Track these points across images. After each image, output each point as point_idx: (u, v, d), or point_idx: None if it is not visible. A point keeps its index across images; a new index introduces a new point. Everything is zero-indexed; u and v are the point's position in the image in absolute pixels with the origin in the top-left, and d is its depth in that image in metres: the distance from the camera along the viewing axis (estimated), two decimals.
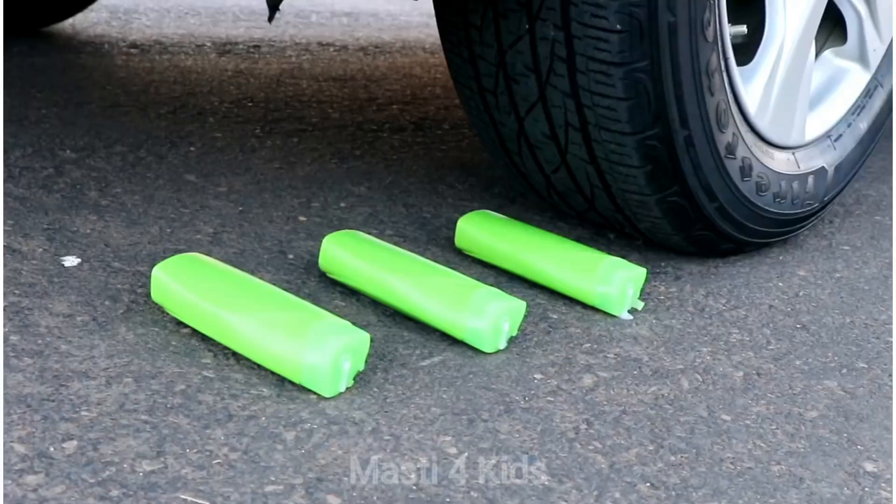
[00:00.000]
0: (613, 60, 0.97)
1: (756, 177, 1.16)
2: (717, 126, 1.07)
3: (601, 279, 1.01)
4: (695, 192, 1.07)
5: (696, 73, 1.02)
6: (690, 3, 0.98)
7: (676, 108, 1.01)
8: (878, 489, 0.74)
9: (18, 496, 0.64)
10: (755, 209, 1.16)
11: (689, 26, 0.98)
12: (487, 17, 1.05)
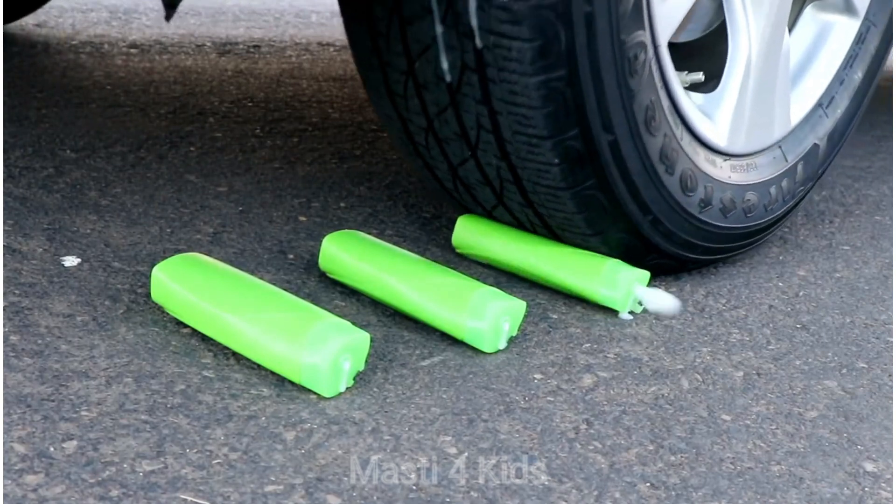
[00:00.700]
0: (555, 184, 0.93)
1: (726, 202, 1.12)
2: (665, 166, 1.02)
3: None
4: (649, 236, 1.04)
5: (629, 115, 0.95)
6: (616, 59, 0.91)
7: (612, 156, 0.96)
8: (878, 489, 0.74)
9: (18, 496, 0.64)
10: (725, 231, 1.13)
11: (616, 66, 0.91)
12: (394, 25, 0.94)
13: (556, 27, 0.85)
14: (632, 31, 0.92)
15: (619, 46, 0.91)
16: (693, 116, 1.07)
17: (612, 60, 0.90)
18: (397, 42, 0.93)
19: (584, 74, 0.89)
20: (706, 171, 1.08)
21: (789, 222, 1.44)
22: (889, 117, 2.45)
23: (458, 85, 0.92)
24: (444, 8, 0.87)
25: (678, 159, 1.04)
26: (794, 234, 1.38)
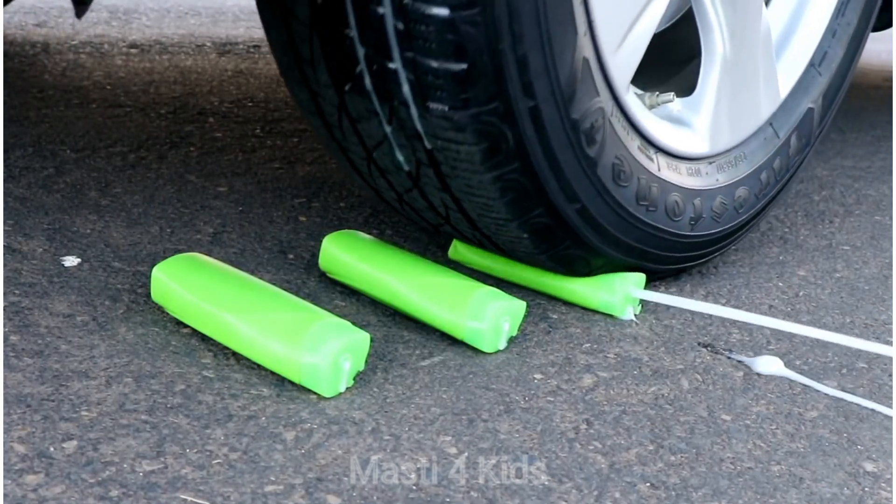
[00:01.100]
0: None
1: (717, 208, 1.10)
2: (645, 206, 1.00)
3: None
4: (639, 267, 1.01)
5: (594, 181, 0.93)
6: (570, 138, 0.88)
7: (583, 221, 0.93)
8: (878, 489, 0.74)
9: (18, 496, 0.64)
10: (718, 234, 1.12)
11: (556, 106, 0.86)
12: (344, 121, 0.91)
13: (501, 128, 0.84)
14: (584, 103, 0.89)
15: (572, 126, 0.88)
16: (670, 142, 1.04)
17: (567, 141, 0.88)
18: (352, 135, 0.92)
19: (539, 163, 0.87)
20: (693, 186, 1.06)
21: (790, 222, 1.44)
22: (889, 117, 2.45)
23: (417, 175, 0.92)
24: (388, 113, 0.86)
25: (659, 194, 1.02)
26: (794, 234, 1.38)
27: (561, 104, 0.86)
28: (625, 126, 0.97)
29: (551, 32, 0.82)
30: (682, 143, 1.06)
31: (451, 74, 0.80)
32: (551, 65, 0.84)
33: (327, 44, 0.84)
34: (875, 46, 4.27)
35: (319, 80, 0.89)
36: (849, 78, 1.26)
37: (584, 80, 0.88)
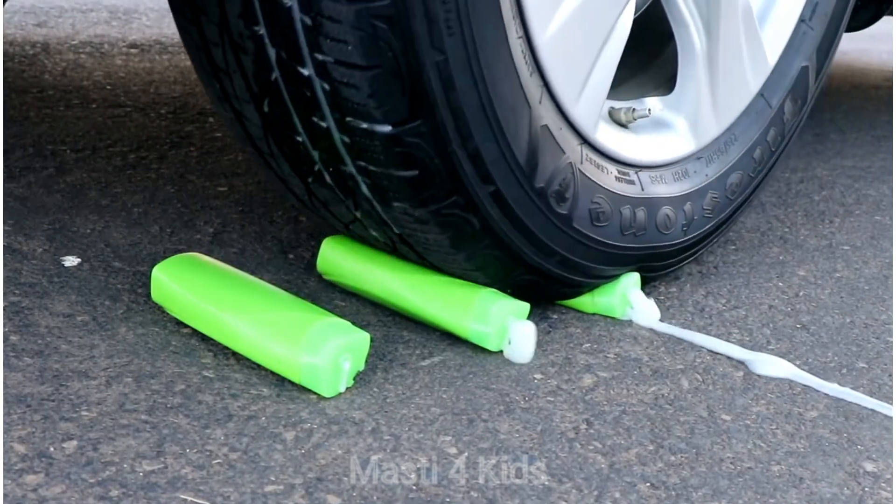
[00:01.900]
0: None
1: (707, 205, 1.07)
2: (632, 235, 0.98)
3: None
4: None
5: (571, 234, 0.91)
6: (539, 205, 0.86)
7: (532, 247, 0.90)
8: (878, 489, 0.74)
9: (18, 496, 0.64)
10: (713, 226, 1.10)
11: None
12: (273, 148, 0.87)
13: (465, 217, 0.84)
14: (549, 168, 0.88)
15: (539, 194, 0.87)
16: (652, 155, 1.02)
17: (536, 209, 0.88)
18: (325, 212, 0.93)
19: (510, 237, 0.88)
20: (682, 191, 1.05)
21: (790, 222, 1.44)
22: (889, 117, 2.45)
23: (394, 247, 0.93)
24: (353, 203, 0.86)
25: (647, 215, 1.00)
26: (794, 234, 1.38)
27: (523, 180, 0.86)
28: (599, 163, 0.96)
29: (501, 119, 0.81)
30: (666, 149, 1.05)
31: (405, 180, 0.80)
32: (506, 149, 0.83)
33: (282, 144, 0.84)
34: (875, 46, 4.27)
35: (283, 170, 0.89)
36: (843, 26, 1.21)
37: (544, 146, 0.87)
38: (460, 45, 0.75)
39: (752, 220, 1.44)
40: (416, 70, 0.74)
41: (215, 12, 0.77)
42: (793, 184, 1.69)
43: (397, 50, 0.72)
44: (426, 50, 0.73)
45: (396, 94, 0.75)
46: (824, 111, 2.48)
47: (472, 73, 0.77)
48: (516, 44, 0.82)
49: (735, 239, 1.34)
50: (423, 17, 0.72)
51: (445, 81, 0.76)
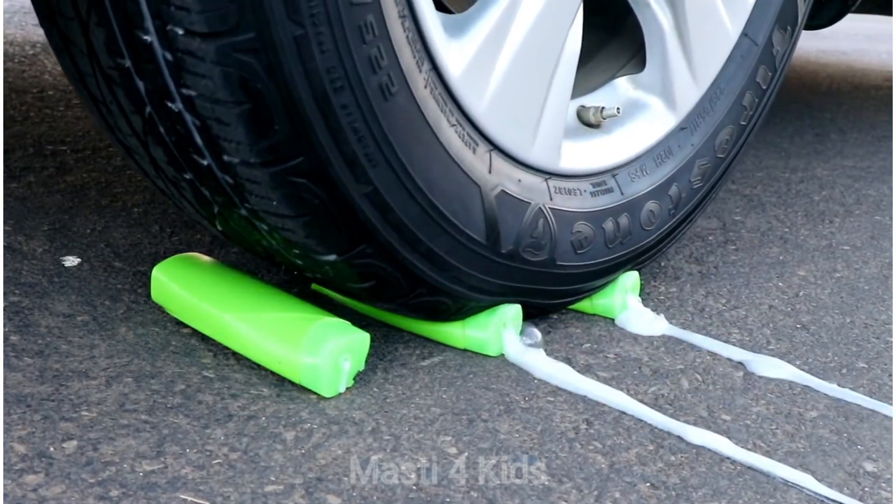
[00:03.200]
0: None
1: (673, 197, 1.02)
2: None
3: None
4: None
5: (510, 265, 0.87)
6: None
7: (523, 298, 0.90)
8: (878, 489, 0.74)
9: (18, 496, 0.64)
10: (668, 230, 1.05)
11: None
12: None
13: (437, 300, 0.84)
14: (514, 228, 0.86)
15: (511, 256, 0.86)
16: (630, 148, 0.99)
17: (510, 269, 0.88)
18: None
19: (489, 295, 0.88)
20: (666, 174, 1.02)
21: (790, 222, 1.44)
22: (889, 117, 2.45)
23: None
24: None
25: (631, 219, 0.98)
26: (794, 234, 1.38)
27: (488, 252, 0.85)
28: (570, 189, 0.93)
29: (449, 214, 0.80)
30: (644, 135, 1.00)
31: (365, 290, 0.82)
32: (461, 235, 0.82)
33: (173, 183, 0.80)
34: (875, 46, 4.27)
35: (188, 210, 0.84)
36: None
37: (504, 212, 0.85)
38: (387, 171, 0.74)
39: (752, 220, 1.44)
40: (348, 207, 0.73)
41: (82, 42, 0.71)
42: (793, 184, 1.69)
43: (323, 198, 0.72)
44: (352, 186, 0.72)
45: (334, 233, 0.75)
46: (824, 111, 2.48)
47: (406, 188, 0.76)
48: (451, 132, 0.80)
49: (735, 239, 1.34)
50: (343, 162, 0.71)
51: (380, 207, 0.75)
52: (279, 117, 0.68)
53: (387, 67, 0.72)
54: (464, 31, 0.81)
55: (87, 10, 0.68)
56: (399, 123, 0.74)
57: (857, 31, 5.00)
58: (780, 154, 1.92)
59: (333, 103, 0.69)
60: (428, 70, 0.77)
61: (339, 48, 0.68)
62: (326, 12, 0.66)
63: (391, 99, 0.73)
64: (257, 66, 0.65)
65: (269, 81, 0.66)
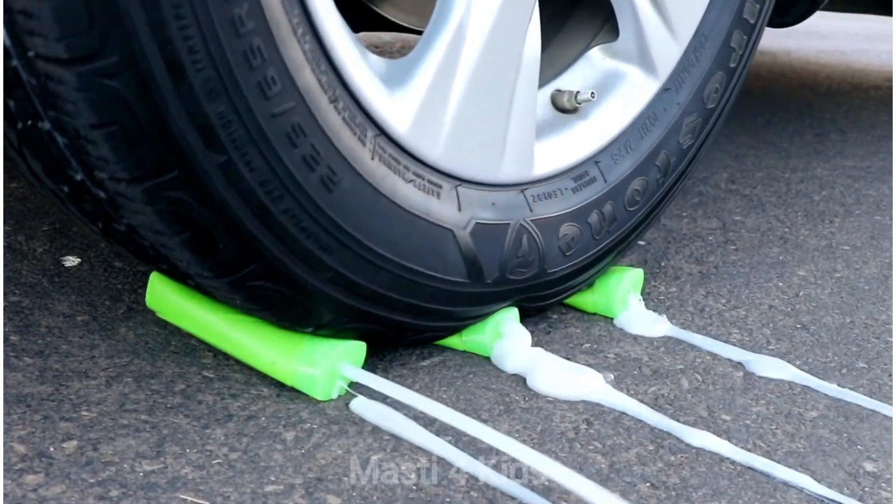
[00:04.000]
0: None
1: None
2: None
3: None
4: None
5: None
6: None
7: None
8: (878, 489, 0.74)
9: (18, 496, 0.64)
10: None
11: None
12: None
13: (369, 328, 0.83)
14: (496, 258, 0.84)
15: (498, 282, 0.85)
16: (612, 122, 0.94)
17: (501, 294, 0.87)
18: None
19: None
20: (652, 144, 0.97)
21: (790, 222, 1.44)
22: (889, 117, 2.45)
23: None
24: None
25: (615, 212, 0.95)
26: (794, 234, 1.38)
27: (475, 286, 0.84)
28: (551, 192, 0.90)
29: (428, 271, 0.79)
30: (626, 108, 0.96)
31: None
32: (443, 283, 0.81)
33: (63, 197, 0.76)
34: (875, 46, 4.27)
35: (81, 222, 0.80)
36: None
37: (481, 245, 0.83)
38: (346, 253, 0.73)
39: (752, 219, 1.44)
40: (314, 293, 0.74)
41: None
42: (793, 184, 1.69)
43: (284, 291, 0.73)
44: (313, 276, 0.72)
45: (307, 314, 0.75)
46: (824, 111, 2.48)
47: (369, 262, 0.75)
48: (408, 189, 0.77)
49: (735, 239, 1.34)
50: (296, 259, 0.71)
51: (346, 285, 0.75)
52: (222, 238, 0.68)
53: (325, 159, 0.69)
54: (407, 78, 0.77)
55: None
56: (349, 207, 0.72)
57: (857, 31, 5.00)
58: (780, 154, 1.92)
59: (275, 212, 0.68)
60: (373, 137, 0.74)
61: (270, 161, 0.66)
62: (248, 133, 0.65)
63: (335, 188, 0.71)
64: (188, 199, 0.65)
65: (203, 210, 0.66)
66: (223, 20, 0.61)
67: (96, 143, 0.64)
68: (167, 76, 0.61)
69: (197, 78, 0.61)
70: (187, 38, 0.60)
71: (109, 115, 0.62)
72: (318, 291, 0.74)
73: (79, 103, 0.61)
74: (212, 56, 0.62)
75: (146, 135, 0.62)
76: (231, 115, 0.64)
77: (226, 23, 0.61)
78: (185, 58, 0.61)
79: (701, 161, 1.08)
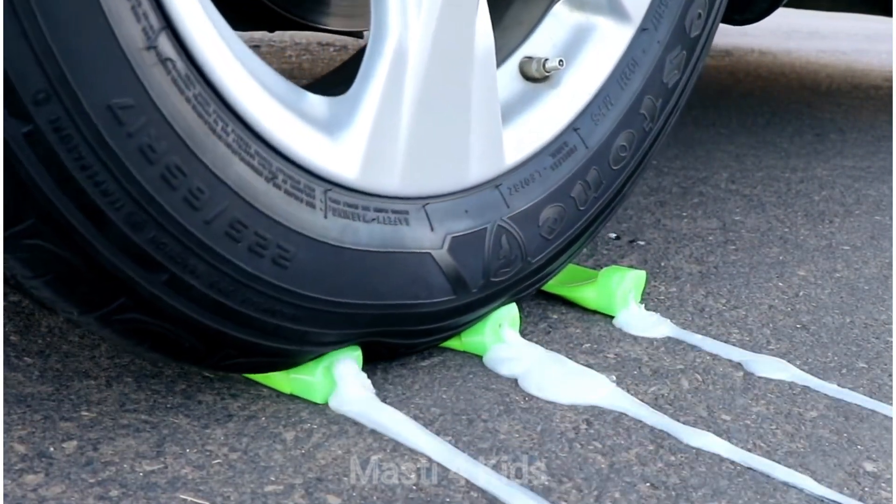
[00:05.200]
0: None
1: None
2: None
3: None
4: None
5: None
6: None
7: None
8: (878, 489, 0.74)
9: (18, 496, 0.64)
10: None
11: None
12: None
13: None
14: (478, 265, 0.82)
15: (483, 286, 0.83)
16: (589, 83, 0.87)
17: (486, 298, 0.86)
18: None
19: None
20: (632, 94, 0.91)
21: (790, 222, 1.44)
22: (889, 117, 2.45)
23: None
24: None
25: (602, 176, 0.89)
26: (794, 234, 1.38)
27: (463, 299, 0.82)
28: (527, 178, 0.86)
29: (410, 300, 0.78)
30: (601, 61, 0.90)
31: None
32: (435, 307, 0.80)
33: None
34: (875, 46, 4.27)
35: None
36: None
37: (461, 255, 0.80)
38: (324, 314, 0.74)
39: (752, 219, 1.44)
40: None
41: None
42: (793, 184, 1.69)
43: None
44: (288, 342, 0.73)
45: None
46: (824, 111, 2.48)
47: (352, 311, 0.75)
48: (372, 230, 0.75)
49: (735, 239, 1.34)
50: (265, 337, 0.72)
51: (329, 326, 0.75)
52: (187, 340, 0.69)
53: (273, 240, 0.68)
54: (351, 114, 0.73)
55: None
56: (309, 274, 0.71)
57: (857, 31, 5.00)
58: (780, 154, 1.92)
59: (232, 305, 0.68)
60: (324, 194, 0.71)
61: (214, 263, 0.65)
62: (185, 246, 0.64)
63: (291, 263, 0.69)
64: (144, 318, 0.66)
65: (158, 322, 0.66)
66: (131, 155, 0.59)
67: (37, 287, 0.64)
68: (89, 223, 0.60)
69: (119, 216, 0.61)
70: (98, 183, 0.59)
71: (42, 269, 0.62)
72: (297, 351, 0.75)
73: (9, 261, 0.61)
74: (128, 192, 0.60)
75: (84, 276, 0.62)
76: (163, 237, 0.63)
77: (134, 157, 0.60)
78: (101, 202, 0.60)
79: (690, 93, 1.00)
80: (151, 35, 0.59)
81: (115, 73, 0.58)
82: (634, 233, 1.33)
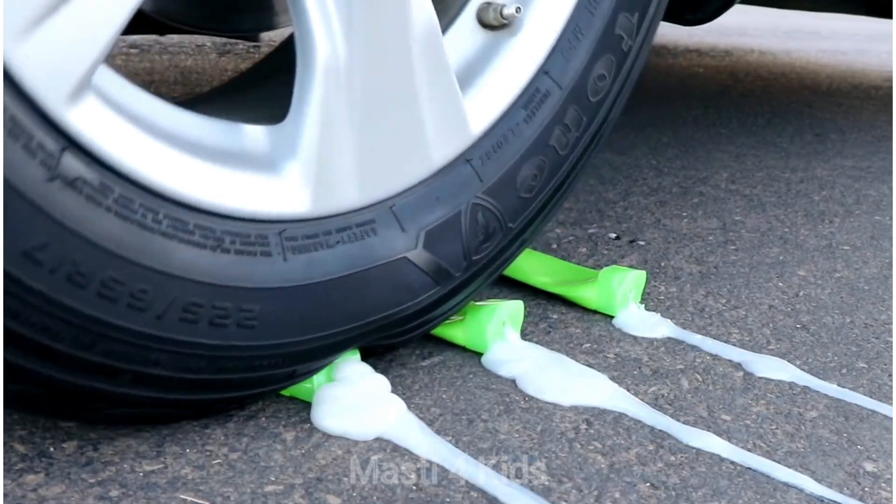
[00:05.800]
0: None
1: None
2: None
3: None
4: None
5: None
6: None
7: None
8: (878, 489, 0.74)
9: (18, 496, 0.64)
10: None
11: None
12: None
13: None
14: (457, 250, 0.79)
15: (467, 267, 0.81)
16: (552, 23, 0.81)
17: (466, 279, 0.83)
18: None
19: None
20: (593, 44, 0.84)
21: (790, 222, 1.44)
22: (889, 117, 2.45)
23: None
24: None
25: (567, 136, 0.83)
26: (794, 234, 1.38)
27: (449, 286, 0.80)
28: (499, 140, 0.81)
29: (396, 307, 0.76)
30: (552, 11, 0.82)
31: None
32: (422, 305, 0.79)
33: None
34: (875, 47, 4.27)
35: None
36: None
37: (437, 247, 0.77)
38: (308, 349, 0.73)
39: (752, 220, 1.44)
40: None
41: None
42: (793, 184, 1.69)
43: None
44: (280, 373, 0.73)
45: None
46: (824, 111, 2.48)
47: (340, 338, 0.74)
48: (340, 252, 0.72)
49: (735, 239, 1.34)
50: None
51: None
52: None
53: (234, 308, 0.66)
54: (293, 150, 0.68)
55: None
56: (279, 324, 0.68)
57: (858, 31, 5.00)
58: (780, 154, 1.92)
59: (207, 377, 0.68)
60: (278, 236, 0.68)
61: (173, 352, 0.65)
62: (138, 350, 0.63)
63: (258, 321, 0.67)
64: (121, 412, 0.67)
65: (135, 410, 0.68)
66: (58, 288, 0.57)
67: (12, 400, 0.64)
68: (35, 358, 0.59)
69: (63, 345, 0.59)
70: (33, 324, 0.57)
71: (10, 395, 0.62)
72: (290, 383, 0.76)
73: None
74: (65, 320, 0.58)
75: (47, 399, 0.63)
76: (116, 346, 0.61)
77: (62, 288, 0.57)
78: (42, 339, 0.58)
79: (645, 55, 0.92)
80: (52, 163, 0.55)
81: (22, 219, 0.54)
82: (634, 233, 1.33)
